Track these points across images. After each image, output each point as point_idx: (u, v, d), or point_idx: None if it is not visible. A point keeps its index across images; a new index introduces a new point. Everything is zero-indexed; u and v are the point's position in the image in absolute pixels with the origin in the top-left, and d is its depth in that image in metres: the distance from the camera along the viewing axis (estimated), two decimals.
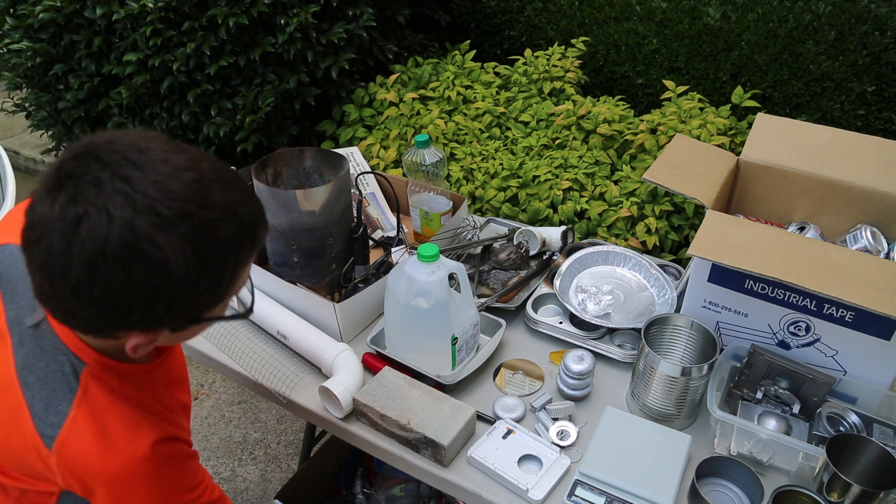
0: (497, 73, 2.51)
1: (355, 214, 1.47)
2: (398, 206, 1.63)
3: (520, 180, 1.99)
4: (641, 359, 1.16)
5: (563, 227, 1.62)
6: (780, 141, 1.44)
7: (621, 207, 1.87)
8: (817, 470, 1.01)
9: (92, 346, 0.82)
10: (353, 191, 1.53)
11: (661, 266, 1.52)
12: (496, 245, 1.60)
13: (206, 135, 2.23)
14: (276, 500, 1.70)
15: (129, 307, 0.69)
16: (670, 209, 1.86)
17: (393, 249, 1.51)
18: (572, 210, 1.90)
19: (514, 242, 1.60)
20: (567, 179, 1.95)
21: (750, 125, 2.03)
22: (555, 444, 1.15)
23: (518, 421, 1.20)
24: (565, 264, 1.49)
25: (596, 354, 1.31)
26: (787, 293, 1.14)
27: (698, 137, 1.95)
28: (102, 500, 0.81)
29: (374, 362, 1.32)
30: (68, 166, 0.68)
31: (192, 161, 0.71)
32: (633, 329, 1.36)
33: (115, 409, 0.82)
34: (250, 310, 0.84)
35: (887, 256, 1.29)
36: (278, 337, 1.39)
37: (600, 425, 1.16)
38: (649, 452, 1.11)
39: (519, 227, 1.65)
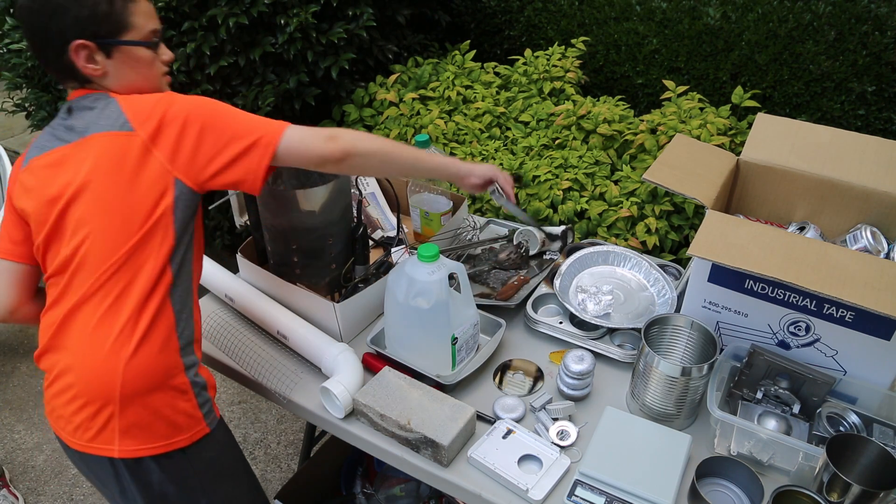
0: (497, 73, 2.51)
1: (355, 214, 1.47)
2: (398, 206, 1.63)
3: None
4: (641, 359, 1.16)
5: (563, 227, 1.62)
6: (780, 141, 1.44)
7: (621, 207, 1.87)
8: (817, 470, 1.01)
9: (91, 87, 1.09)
10: (353, 191, 1.53)
11: (661, 266, 1.52)
12: (496, 245, 1.60)
13: None
14: (276, 500, 1.70)
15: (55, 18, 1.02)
16: (670, 209, 1.86)
17: (393, 249, 1.51)
18: (572, 210, 1.90)
19: (514, 242, 1.60)
20: (567, 179, 1.95)
21: (750, 125, 2.03)
22: (555, 444, 1.15)
23: (518, 421, 1.20)
24: (565, 264, 1.49)
25: (596, 354, 1.31)
26: (787, 293, 1.14)
27: (698, 137, 1.95)
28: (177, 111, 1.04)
29: (374, 362, 1.32)
30: None
31: None
32: (633, 329, 1.36)
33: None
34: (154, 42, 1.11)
35: (887, 256, 1.29)
36: (278, 337, 1.39)
37: (600, 425, 1.16)
38: (649, 452, 1.11)
39: (518, 228, 1.65)
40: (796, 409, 1.14)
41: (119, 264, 1.02)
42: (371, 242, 1.55)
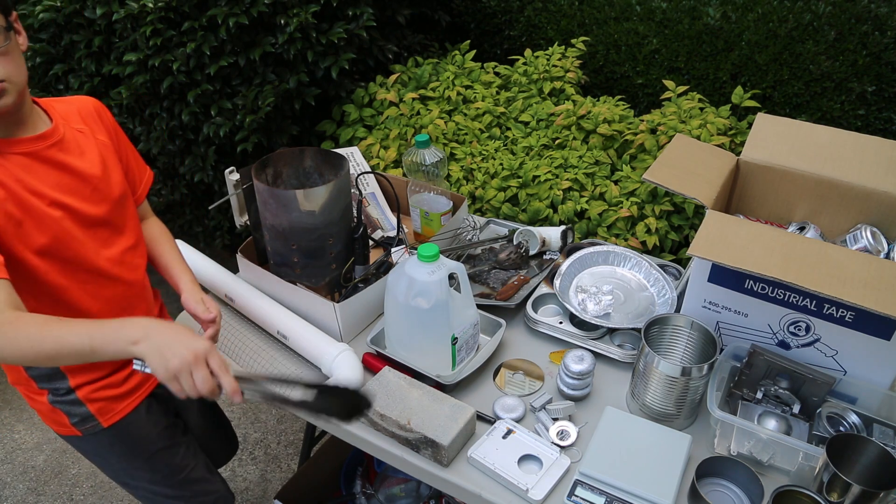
0: (497, 73, 2.51)
1: (355, 214, 1.47)
2: (398, 206, 1.63)
3: (520, 180, 1.99)
4: (641, 359, 1.16)
5: (563, 227, 1.62)
6: (780, 141, 1.44)
7: (621, 207, 1.87)
8: (817, 470, 1.02)
9: None
10: (353, 191, 1.53)
11: (661, 266, 1.52)
12: (496, 245, 1.60)
13: (206, 135, 2.23)
14: (276, 500, 1.71)
15: None
16: (670, 209, 1.86)
17: (393, 249, 1.51)
18: (572, 210, 1.89)
19: (514, 242, 1.60)
20: (567, 179, 1.95)
21: (750, 125, 2.03)
22: (555, 444, 1.15)
23: (518, 421, 1.20)
24: (565, 264, 1.49)
25: (596, 354, 1.31)
26: (787, 293, 1.14)
27: (698, 137, 1.95)
28: None
29: (374, 362, 1.32)
30: None
31: None
32: (633, 329, 1.36)
33: None
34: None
35: (887, 256, 1.29)
36: (278, 337, 1.39)
37: (600, 425, 1.16)
38: (649, 452, 1.11)
39: (518, 228, 1.65)
40: (796, 409, 1.14)
41: None
42: (371, 242, 1.55)
